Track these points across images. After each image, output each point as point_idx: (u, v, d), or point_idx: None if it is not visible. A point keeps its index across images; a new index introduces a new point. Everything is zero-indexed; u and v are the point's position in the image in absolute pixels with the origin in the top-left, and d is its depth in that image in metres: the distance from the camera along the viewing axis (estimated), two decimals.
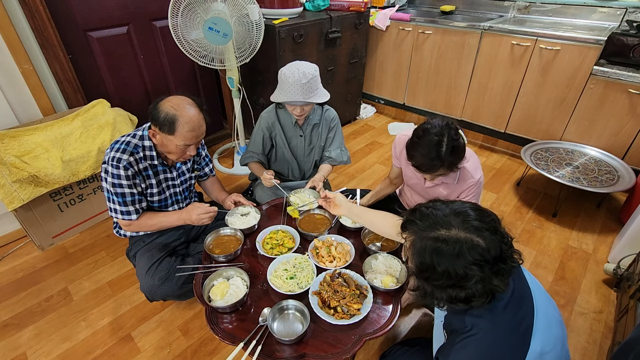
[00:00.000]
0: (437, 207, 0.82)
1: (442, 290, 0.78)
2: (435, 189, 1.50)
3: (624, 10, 2.45)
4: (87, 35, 2.05)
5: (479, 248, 0.73)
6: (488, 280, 0.74)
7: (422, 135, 1.23)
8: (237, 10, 1.95)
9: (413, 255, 0.81)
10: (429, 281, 0.79)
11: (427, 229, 0.79)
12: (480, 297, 0.76)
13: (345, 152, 1.86)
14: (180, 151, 1.30)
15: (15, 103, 1.81)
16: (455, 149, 1.21)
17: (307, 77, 1.51)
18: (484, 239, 0.74)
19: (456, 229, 0.76)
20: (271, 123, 1.74)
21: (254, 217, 1.50)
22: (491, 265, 0.74)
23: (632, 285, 1.50)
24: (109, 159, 1.29)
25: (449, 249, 0.74)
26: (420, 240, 0.79)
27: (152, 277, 1.38)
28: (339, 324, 1.08)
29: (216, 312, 1.14)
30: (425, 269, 0.78)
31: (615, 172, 2.17)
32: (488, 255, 0.73)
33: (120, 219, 1.37)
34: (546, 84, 2.46)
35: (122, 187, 1.30)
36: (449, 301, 0.79)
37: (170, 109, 1.23)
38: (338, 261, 1.30)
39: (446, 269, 0.75)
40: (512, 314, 0.80)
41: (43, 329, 1.56)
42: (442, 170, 1.26)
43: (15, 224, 1.98)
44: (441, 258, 0.75)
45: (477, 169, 1.39)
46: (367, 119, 3.52)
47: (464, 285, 0.75)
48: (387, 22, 3.06)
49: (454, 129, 1.23)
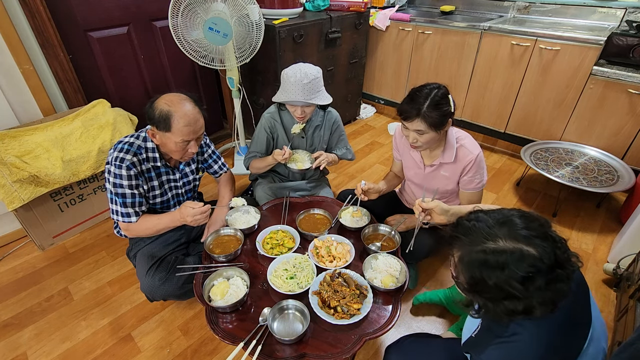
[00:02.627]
0: (479, 219, 0.79)
1: (497, 303, 0.75)
2: (435, 173, 1.50)
3: (624, 10, 2.45)
4: (87, 35, 2.05)
5: (530, 258, 0.70)
6: (546, 289, 0.70)
7: (415, 88, 1.34)
8: (237, 11, 1.95)
9: (462, 270, 0.78)
10: (481, 295, 0.77)
11: (472, 243, 0.76)
12: (540, 307, 0.72)
13: (350, 151, 1.91)
14: (180, 149, 1.28)
15: (16, 103, 1.81)
16: (437, 106, 1.28)
17: (308, 77, 1.51)
18: (534, 247, 0.71)
19: (503, 240, 0.73)
20: (273, 123, 1.74)
21: (254, 217, 1.51)
22: (546, 273, 0.70)
23: (631, 285, 1.50)
24: (112, 159, 1.28)
25: (498, 261, 0.71)
26: (467, 255, 0.76)
27: (152, 278, 1.38)
28: (339, 323, 1.08)
29: (216, 312, 1.15)
30: (475, 282, 0.75)
31: (615, 172, 2.17)
32: (541, 264, 0.69)
33: (121, 222, 1.36)
34: (546, 84, 2.46)
35: (122, 188, 1.30)
36: (507, 314, 0.74)
37: (164, 105, 1.22)
38: (338, 261, 1.31)
39: (497, 282, 0.71)
40: (562, 336, 0.77)
41: (43, 328, 1.56)
42: (418, 122, 1.30)
43: (15, 224, 1.98)
44: (491, 271, 0.72)
45: (474, 146, 1.42)
46: (367, 119, 3.52)
47: (519, 296, 0.71)
48: (387, 22, 3.06)
49: (443, 91, 1.31)
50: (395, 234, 1.42)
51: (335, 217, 1.51)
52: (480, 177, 1.44)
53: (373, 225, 1.46)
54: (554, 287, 0.70)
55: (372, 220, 1.51)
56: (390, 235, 1.44)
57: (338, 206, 1.64)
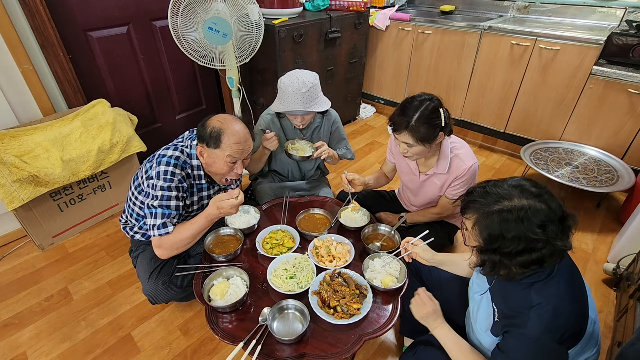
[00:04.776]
0: (494, 185, 0.87)
1: (512, 258, 0.82)
2: (429, 181, 1.51)
3: (624, 10, 2.45)
4: (87, 35, 2.05)
5: (544, 211, 0.79)
6: (556, 239, 0.79)
7: (408, 99, 1.32)
8: (237, 11, 1.95)
9: (479, 231, 0.85)
10: (498, 252, 0.83)
11: (490, 204, 0.84)
12: (551, 257, 0.80)
13: (350, 151, 1.92)
14: (227, 167, 1.29)
15: (16, 103, 1.81)
16: (426, 121, 1.26)
17: (307, 86, 1.50)
18: (545, 202, 0.80)
19: (518, 199, 0.82)
20: (271, 125, 1.74)
21: (254, 217, 1.51)
22: (557, 224, 0.79)
23: (631, 285, 1.50)
24: (159, 173, 1.24)
25: (516, 216, 0.79)
26: (486, 216, 0.84)
27: (155, 282, 1.37)
28: (339, 323, 1.08)
29: (216, 312, 1.15)
30: (494, 239, 0.82)
31: (615, 172, 2.17)
32: (553, 216, 0.79)
33: (157, 236, 1.25)
34: (546, 84, 2.46)
35: (170, 200, 1.25)
36: (522, 266, 0.82)
37: (217, 123, 1.25)
38: (338, 261, 1.31)
39: (516, 235, 0.79)
40: (572, 287, 0.86)
41: (43, 328, 1.56)
42: (406, 135, 1.29)
43: (15, 224, 1.98)
44: (510, 225, 0.80)
45: (469, 157, 1.41)
46: (367, 119, 3.52)
47: (534, 247, 0.79)
48: (387, 22, 3.06)
49: (434, 104, 1.28)
50: (395, 234, 1.42)
51: (335, 217, 1.51)
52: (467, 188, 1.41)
53: (373, 225, 1.46)
54: (563, 238, 0.80)
55: (372, 220, 1.51)
56: (390, 235, 1.44)
57: (338, 206, 1.64)
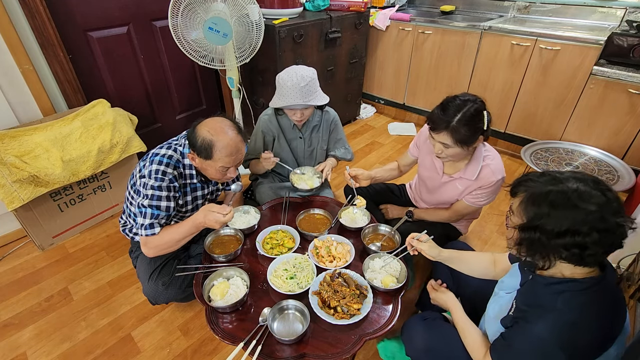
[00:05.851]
0: (551, 170, 0.85)
1: (552, 238, 0.78)
2: (451, 183, 1.47)
3: (624, 10, 2.45)
4: (87, 35, 2.05)
5: (598, 197, 0.75)
6: (606, 229, 0.74)
7: (450, 97, 1.26)
8: (237, 10, 1.95)
9: (524, 208, 0.82)
10: (539, 229, 0.79)
11: (546, 183, 0.81)
12: (595, 245, 0.75)
13: (349, 151, 1.91)
14: (220, 174, 1.28)
15: (15, 103, 1.81)
16: (468, 123, 1.20)
17: (305, 80, 1.50)
18: (602, 192, 0.76)
19: (574, 182, 0.78)
20: (270, 125, 1.74)
21: (254, 217, 1.51)
22: (614, 214, 0.74)
23: (631, 285, 1.50)
24: (150, 172, 1.23)
25: (568, 196, 0.76)
26: (537, 193, 0.81)
27: (155, 283, 1.37)
28: (339, 323, 1.08)
29: (216, 312, 1.15)
30: (538, 216, 0.79)
31: (615, 172, 2.17)
32: (609, 206, 0.74)
33: (143, 235, 1.25)
34: (546, 84, 2.46)
35: (160, 200, 1.24)
36: (564, 248, 0.77)
37: (207, 133, 1.20)
38: (338, 261, 1.31)
39: (562, 214, 0.76)
40: (604, 314, 0.80)
41: (43, 329, 1.56)
42: (445, 135, 1.23)
43: (15, 224, 1.98)
44: (561, 202, 0.77)
45: (499, 170, 1.36)
46: (367, 119, 3.52)
47: (578, 230, 0.74)
48: (387, 22, 3.06)
49: (477, 106, 1.22)
50: (395, 234, 1.42)
51: (335, 217, 1.51)
52: (487, 199, 1.41)
53: (373, 225, 1.46)
54: (620, 231, 0.75)
55: (372, 220, 1.51)
56: (390, 235, 1.44)
57: (338, 206, 1.64)
